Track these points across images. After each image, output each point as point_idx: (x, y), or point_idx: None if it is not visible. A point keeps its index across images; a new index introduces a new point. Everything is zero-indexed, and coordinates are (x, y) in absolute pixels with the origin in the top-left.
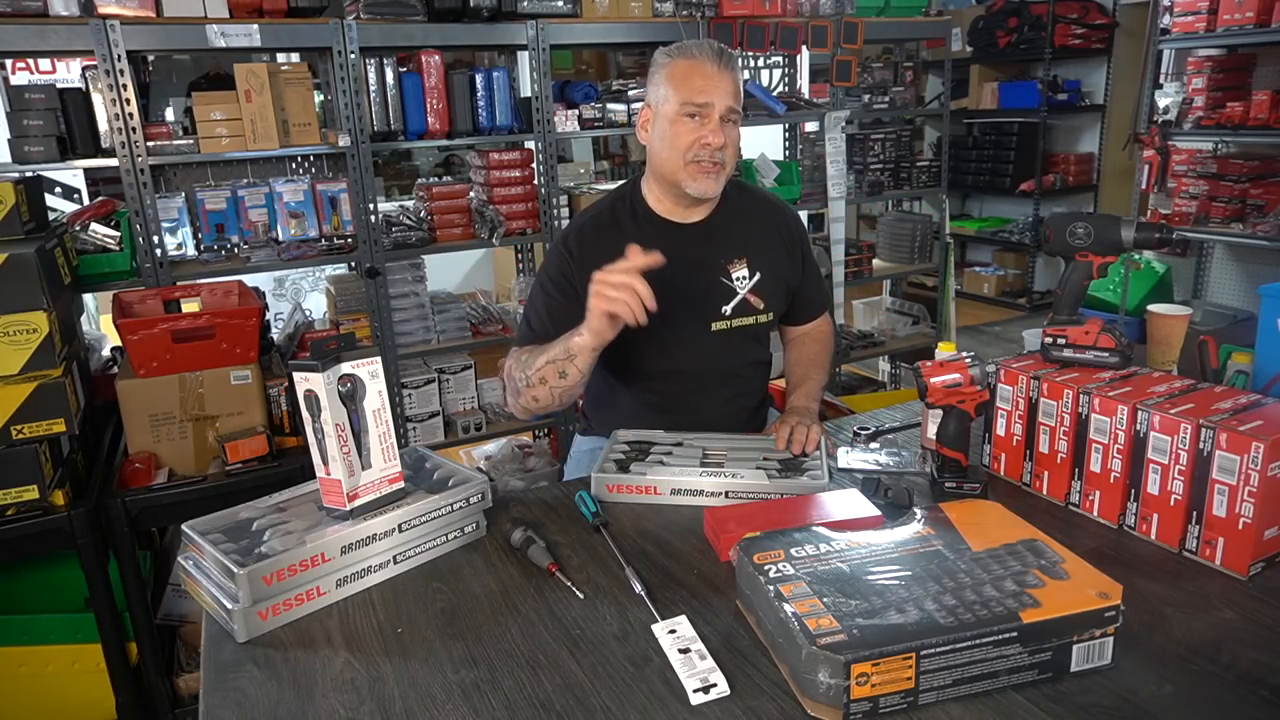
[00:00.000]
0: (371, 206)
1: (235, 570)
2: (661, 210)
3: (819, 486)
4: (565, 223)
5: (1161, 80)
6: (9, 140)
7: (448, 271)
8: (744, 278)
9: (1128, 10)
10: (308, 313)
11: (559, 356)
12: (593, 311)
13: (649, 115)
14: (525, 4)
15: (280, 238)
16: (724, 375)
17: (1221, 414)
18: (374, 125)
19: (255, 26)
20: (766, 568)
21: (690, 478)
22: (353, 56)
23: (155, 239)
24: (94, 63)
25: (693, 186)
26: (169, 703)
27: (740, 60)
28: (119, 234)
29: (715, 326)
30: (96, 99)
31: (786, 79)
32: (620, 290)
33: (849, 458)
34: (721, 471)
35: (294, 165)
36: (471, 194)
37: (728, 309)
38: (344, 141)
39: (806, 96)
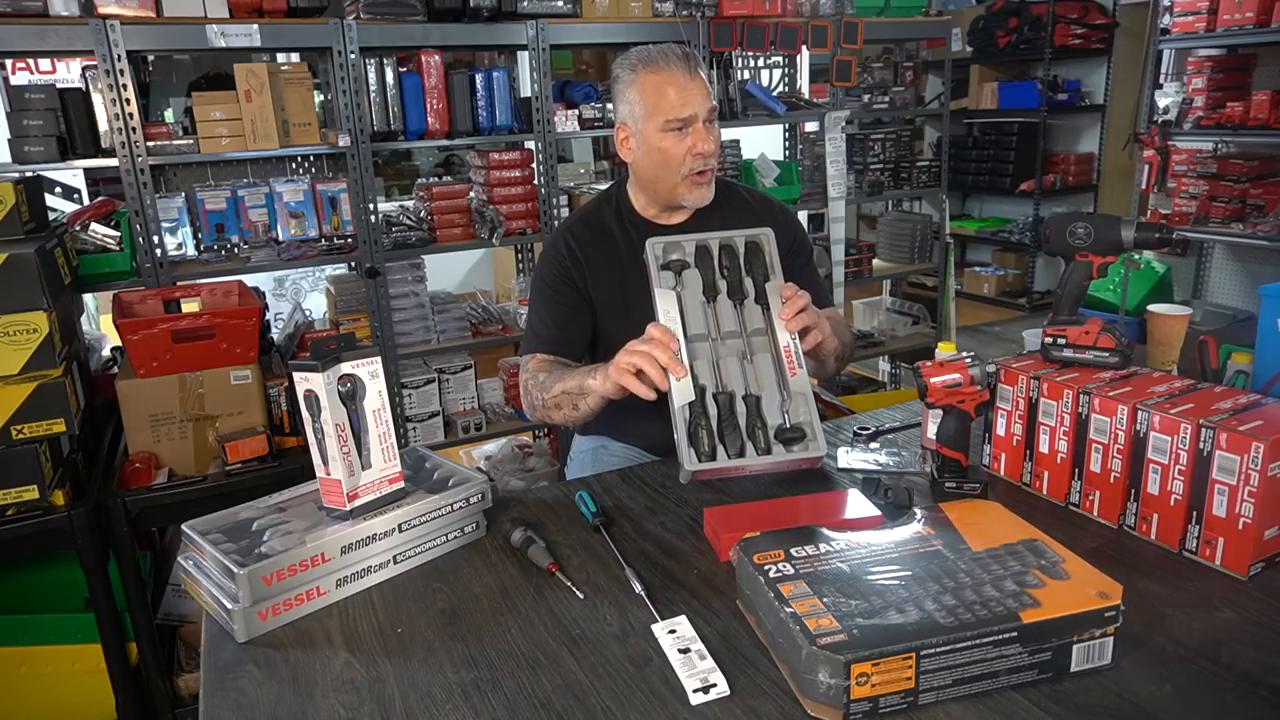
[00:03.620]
0: (371, 206)
1: (235, 570)
2: (646, 214)
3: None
4: None
5: (1161, 80)
6: (9, 140)
7: (448, 271)
8: None
9: (1128, 10)
10: (308, 313)
11: (573, 390)
12: (613, 375)
13: (627, 133)
14: (525, 4)
15: (280, 238)
16: None
17: (1221, 414)
18: (374, 125)
19: (255, 26)
20: (766, 568)
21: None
22: (353, 56)
23: (155, 239)
24: (94, 63)
25: (689, 199)
26: (169, 703)
27: (740, 60)
28: (119, 234)
29: None
30: (96, 99)
31: (786, 79)
32: (642, 360)
33: (849, 458)
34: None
35: (294, 165)
36: (471, 194)
37: None
38: (344, 141)
39: (806, 96)
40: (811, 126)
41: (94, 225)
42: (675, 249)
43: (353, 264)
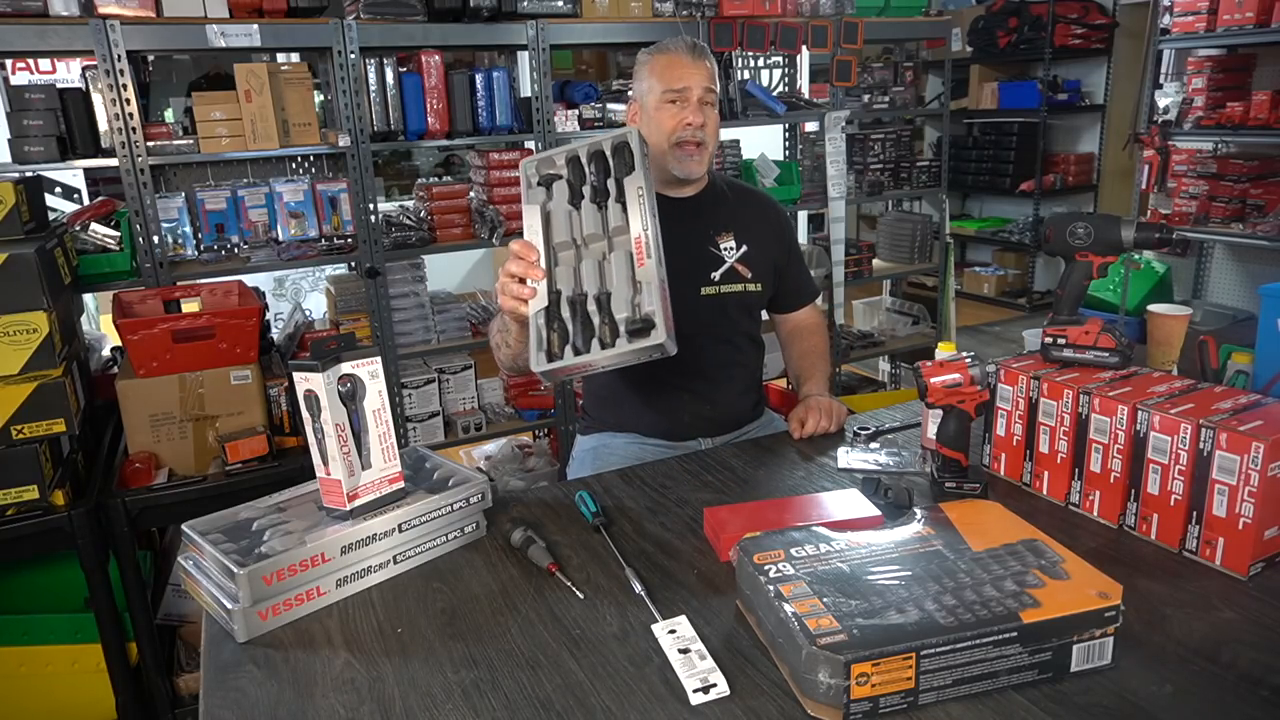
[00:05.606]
0: (371, 206)
1: (235, 570)
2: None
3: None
4: None
5: (1161, 80)
6: (9, 140)
7: (448, 271)
8: (731, 249)
9: (1128, 10)
10: (308, 313)
11: (499, 326)
12: (499, 303)
13: (636, 109)
14: (525, 4)
15: (280, 238)
16: (718, 341)
17: (1221, 414)
18: (374, 125)
19: (255, 26)
20: (766, 568)
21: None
22: (353, 56)
23: (155, 239)
24: (94, 63)
25: (678, 168)
26: (169, 703)
27: (740, 60)
28: (119, 234)
29: (705, 291)
30: (96, 99)
31: (786, 79)
32: (509, 285)
33: (849, 458)
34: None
35: (294, 165)
36: (471, 194)
37: (716, 275)
38: (344, 141)
39: (806, 96)
40: (811, 126)
41: (94, 225)
42: (548, 164)
43: (353, 264)
